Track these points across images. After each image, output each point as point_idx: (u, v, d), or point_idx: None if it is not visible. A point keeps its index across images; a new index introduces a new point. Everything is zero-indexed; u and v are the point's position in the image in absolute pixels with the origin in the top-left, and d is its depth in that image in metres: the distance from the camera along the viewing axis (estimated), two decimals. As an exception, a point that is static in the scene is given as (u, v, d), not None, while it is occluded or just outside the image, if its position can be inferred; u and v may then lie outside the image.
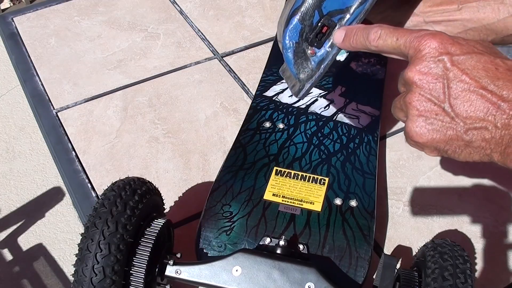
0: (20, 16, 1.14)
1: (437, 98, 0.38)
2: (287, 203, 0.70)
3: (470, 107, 0.37)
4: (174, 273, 0.60)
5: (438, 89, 0.38)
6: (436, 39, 0.39)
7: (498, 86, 0.36)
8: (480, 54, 0.38)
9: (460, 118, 0.37)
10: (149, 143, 0.90)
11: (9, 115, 0.96)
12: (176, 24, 1.13)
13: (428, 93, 0.38)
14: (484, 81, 0.37)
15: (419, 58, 0.39)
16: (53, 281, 0.74)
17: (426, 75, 0.38)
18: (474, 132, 0.37)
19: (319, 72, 0.53)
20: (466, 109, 0.37)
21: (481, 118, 0.37)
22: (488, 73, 0.37)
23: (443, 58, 0.38)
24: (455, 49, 0.38)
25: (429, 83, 0.38)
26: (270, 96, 0.87)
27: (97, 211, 0.58)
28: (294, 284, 0.58)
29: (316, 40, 0.52)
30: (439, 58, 0.38)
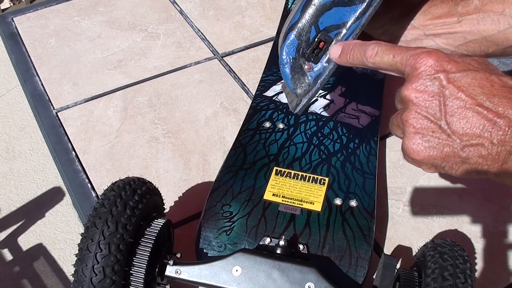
0: (20, 16, 1.14)
1: (434, 116, 0.38)
2: (287, 203, 0.70)
3: (467, 124, 0.37)
4: (174, 273, 0.60)
5: (435, 106, 0.38)
6: (432, 57, 0.39)
7: (494, 103, 0.37)
8: (475, 71, 0.38)
9: (456, 135, 0.38)
10: (149, 143, 0.90)
11: (9, 115, 0.96)
12: (176, 24, 1.13)
13: (424, 111, 0.39)
14: (480, 98, 0.37)
15: (416, 76, 0.40)
16: (53, 281, 0.74)
17: (423, 93, 0.39)
18: (471, 148, 0.37)
19: (315, 87, 0.53)
20: (463, 126, 0.37)
21: (477, 135, 0.37)
22: (484, 90, 0.37)
23: (439, 75, 0.38)
24: (451, 67, 0.38)
25: (425, 100, 0.39)
26: (270, 96, 0.87)
27: (97, 211, 0.58)
28: (294, 284, 0.58)
29: (313, 56, 0.52)
30: (435, 76, 0.38)
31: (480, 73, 0.38)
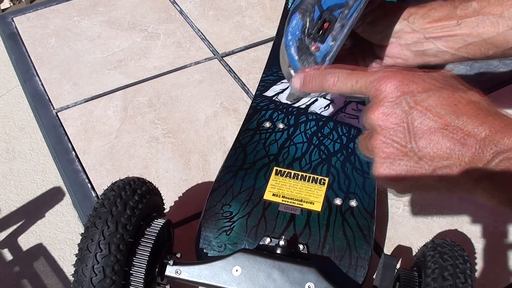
0: (20, 16, 1.14)
1: (402, 140, 0.38)
2: (287, 203, 0.70)
3: (436, 146, 0.36)
4: (174, 273, 0.60)
5: (402, 130, 0.37)
6: (396, 79, 0.38)
7: (462, 121, 0.36)
8: (440, 89, 0.38)
9: (426, 158, 0.37)
10: (149, 143, 0.90)
11: (9, 115, 0.96)
12: (176, 24, 1.13)
13: (393, 135, 0.38)
14: (448, 117, 0.36)
15: (381, 99, 0.39)
16: (53, 281, 0.74)
17: (389, 117, 0.38)
18: (442, 170, 0.37)
19: (324, 65, 0.52)
20: (432, 148, 0.37)
21: (448, 156, 0.36)
22: (451, 109, 0.36)
23: (405, 97, 0.38)
24: (416, 87, 0.38)
25: (392, 124, 0.38)
26: (270, 96, 0.87)
27: (97, 211, 0.58)
28: (294, 284, 0.58)
29: (319, 36, 0.52)
30: (400, 98, 0.38)
31: (445, 91, 0.37)
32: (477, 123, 0.36)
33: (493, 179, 0.34)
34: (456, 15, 0.51)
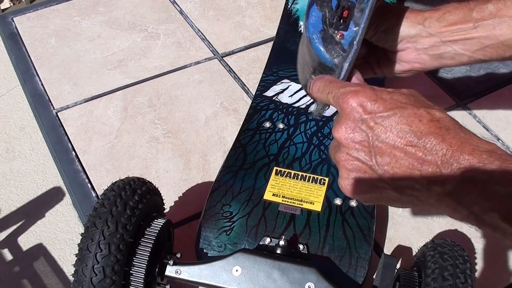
0: (20, 16, 1.14)
1: (364, 157, 0.39)
2: (287, 203, 0.70)
3: (396, 164, 0.37)
4: (174, 273, 0.60)
5: (365, 148, 0.38)
6: (358, 97, 0.39)
7: (423, 140, 0.37)
8: (403, 108, 0.38)
9: (387, 175, 0.38)
10: (149, 143, 0.90)
11: (9, 115, 0.96)
12: (176, 24, 1.13)
13: (355, 153, 0.39)
14: (409, 136, 0.37)
15: (344, 117, 0.40)
16: (53, 281, 0.74)
17: (352, 134, 0.39)
18: (404, 189, 0.38)
19: (353, 49, 0.52)
20: (393, 167, 0.37)
21: (409, 174, 0.37)
22: (412, 127, 0.37)
23: (366, 118, 0.38)
24: (378, 106, 0.38)
25: (355, 142, 0.39)
26: (270, 96, 0.87)
27: (97, 211, 0.58)
28: (294, 284, 0.58)
29: (341, 24, 0.52)
30: (362, 118, 0.39)
31: (408, 109, 0.38)
32: (437, 141, 0.36)
33: (454, 195, 0.35)
34: (472, 18, 0.52)
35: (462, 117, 0.95)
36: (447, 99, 0.98)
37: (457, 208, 0.35)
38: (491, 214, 0.33)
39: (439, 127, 0.37)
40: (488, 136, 0.92)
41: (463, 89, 1.01)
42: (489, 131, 0.93)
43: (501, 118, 0.95)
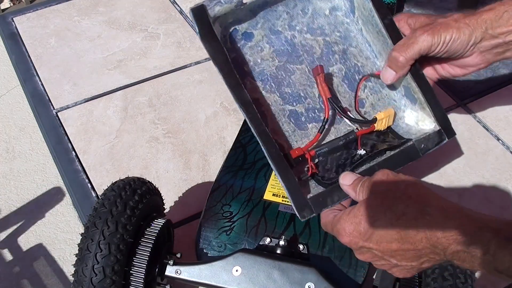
0: (20, 16, 1.14)
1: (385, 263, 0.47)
2: (287, 203, 0.70)
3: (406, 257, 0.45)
4: (174, 273, 0.60)
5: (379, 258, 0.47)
6: (344, 236, 0.48)
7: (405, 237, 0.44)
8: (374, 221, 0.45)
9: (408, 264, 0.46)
10: (149, 143, 0.90)
11: (9, 115, 0.96)
12: (176, 24, 1.13)
13: (378, 262, 0.48)
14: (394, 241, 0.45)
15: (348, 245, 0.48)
16: (53, 281, 0.74)
17: (365, 256, 0.48)
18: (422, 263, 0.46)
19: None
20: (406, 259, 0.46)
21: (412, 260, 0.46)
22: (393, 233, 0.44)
23: (359, 245, 0.47)
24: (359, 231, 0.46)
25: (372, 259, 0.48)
26: (270, 96, 0.87)
27: (97, 211, 0.57)
28: (294, 284, 0.58)
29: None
30: (358, 246, 0.47)
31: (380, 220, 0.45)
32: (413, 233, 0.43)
33: (456, 258, 0.42)
34: None
35: (462, 117, 0.95)
36: (447, 99, 0.98)
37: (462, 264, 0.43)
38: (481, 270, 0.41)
39: (407, 219, 0.43)
40: (488, 136, 0.92)
41: (463, 89, 1.01)
42: (489, 131, 0.93)
43: (501, 118, 0.95)
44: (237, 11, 0.56)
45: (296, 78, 0.59)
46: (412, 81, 0.58)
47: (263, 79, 0.58)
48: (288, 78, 0.59)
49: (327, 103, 0.56)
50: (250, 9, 0.58)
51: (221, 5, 0.54)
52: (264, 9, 0.59)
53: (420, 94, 0.58)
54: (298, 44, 0.60)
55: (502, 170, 0.87)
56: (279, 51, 0.59)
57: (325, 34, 0.61)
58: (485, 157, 0.89)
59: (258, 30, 0.59)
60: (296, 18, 0.60)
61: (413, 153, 0.57)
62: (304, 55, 0.60)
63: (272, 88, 0.58)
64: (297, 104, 0.58)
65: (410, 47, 0.54)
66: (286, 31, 0.60)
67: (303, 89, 0.59)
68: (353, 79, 0.60)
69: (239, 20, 0.58)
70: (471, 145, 0.90)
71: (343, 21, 0.61)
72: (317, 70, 0.56)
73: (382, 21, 0.58)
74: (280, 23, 0.60)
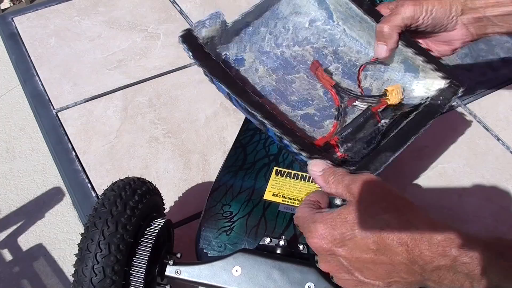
0: (20, 16, 1.14)
1: (350, 277, 0.45)
2: (287, 203, 0.70)
3: (376, 274, 0.43)
4: (174, 273, 0.60)
5: (345, 270, 0.44)
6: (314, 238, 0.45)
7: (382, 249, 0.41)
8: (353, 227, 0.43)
9: (373, 281, 0.43)
10: (149, 143, 0.90)
11: (9, 115, 0.96)
12: (176, 24, 1.13)
13: (342, 276, 0.45)
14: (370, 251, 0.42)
15: (316, 253, 0.47)
16: (53, 281, 0.74)
17: (330, 266, 0.46)
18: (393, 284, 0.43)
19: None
20: (375, 276, 0.43)
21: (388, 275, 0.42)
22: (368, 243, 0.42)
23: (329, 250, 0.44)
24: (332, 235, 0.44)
25: (336, 270, 0.45)
26: (270, 96, 0.87)
27: (97, 211, 0.57)
28: (294, 284, 0.58)
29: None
30: (327, 252, 0.44)
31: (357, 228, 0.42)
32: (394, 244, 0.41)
33: (430, 281, 0.41)
34: None
35: (462, 117, 0.95)
36: (447, 99, 0.98)
37: (437, 285, 0.41)
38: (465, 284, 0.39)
39: (389, 231, 0.41)
40: (488, 136, 0.92)
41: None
42: (489, 131, 0.93)
43: (501, 118, 0.96)
44: (223, 35, 0.57)
45: (298, 86, 0.59)
46: (407, 51, 0.59)
47: (266, 94, 0.59)
48: (290, 88, 0.59)
49: (334, 91, 0.56)
50: (234, 33, 0.59)
51: (206, 28, 0.55)
52: (247, 32, 0.60)
53: (420, 59, 0.58)
54: (289, 57, 0.61)
55: (502, 170, 0.87)
56: (274, 67, 0.60)
57: (312, 43, 0.62)
58: (485, 157, 0.89)
59: (248, 54, 0.60)
60: (280, 36, 0.61)
61: (434, 110, 0.57)
62: (298, 65, 0.61)
63: (277, 100, 0.59)
64: (307, 107, 0.58)
65: (393, 17, 0.56)
66: (275, 49, 0.61)
67: (308, 93, 0.59)
68: (352, 73, 0.61)
69: (227, 45, 0.59)
70: (471, 145, 0.90)
71: (324, 29, 0.63)
72: (315, 65, 0.57)
73: (360, 9, 0.59)
74: (266, 43, 0.61)
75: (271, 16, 0.62)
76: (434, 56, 0.59)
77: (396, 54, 0.59)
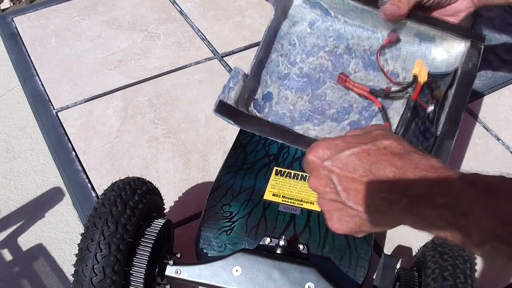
0: (20, 16, 1.14)
1: (334, 197, 0.44)
2: (287, 203, 0.70)
3: (360, 195, 0.42)
4: (174, 273, 0.60)
5: (332, 189, 0.44)
6: (313, 150, 0.45)
7: (372, 168, 0.42)
8: (353, 147, 0.43)
9: (357, 205, 0.43)
10: (149, 143, 0.90)
11: (9, 115, 0.96)
12: (176, 24, 1.13)
13: (327, 195, 0.45)
14: (361, 169, 0.42)
15: (309, 170, 0.46)
16: (53, 281, 0.74)
17: (319, 182, 0.45)
18: (374, 212, 0.43)
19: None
20: (357, 197, 0.43)
21: (372, 201, 0.42)
22: (362, 161, 0.42)
23: (324, 164, 0.44)
24: (331, 152, 0.44)
25: (323, 187, 0.45)
26: (270, 96, 0.87)
27: (97, 211, 0.58)
28: (294, 284, 0.58)
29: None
30: (321, 165, 0.44)
31: (356, 147, 0.43)
32: (384, 165, 0.41)
33: (409, 210, 0.40)
34: None
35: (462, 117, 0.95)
36: (447, 99, 0.98)
37: (415, 220, 0.41)
38: (440, 222, 0.38)
39: (384, 153, 0.42)
40: (488, 136, 0.92)
41: (463, 89, 1.01)
42: (489, 131, 0.93)
43: (501, 118, 0.95)
44: (246, 85, 0.58)
45: (331, 97, 0.60)
46: (419, 26, 0.59)
47: (308, 119, 0.59)
48: (324, 102, 0.60)
49: (370, 95, 0.56)
50: (254, 75, 0.59)
51: (233, 89, 0.56)
52: (263, 66, 0.60)
53: (433, 29, 0.59)
54: (309, 71, 0.61)
55: (502, 170, 0.87)
56: (300, 88, 0.60)
57: (322, 47, 0.62)
58: (485, 157, 0.89)
59: (272, 86, 0.61)
60: (290, 53, 0.62)
61: (468, 76, 0.57)
62: (321, 75, 0.61)
63: (319, 119, 0.59)
64: (350, 114, 0.59)
65: None
66: (292, 69, 0.61)
67: (344, 100, 0.59)
68: (372, 61, 0.62)
69: (252, 90, 0.60)
70: (471, 145, 0.90)
71: (326, 27, 0.63)
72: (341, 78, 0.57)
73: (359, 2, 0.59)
74: (282, 67, 0.61)
75: (275, 40, 0.62)
76: (447, 22, 0.60)
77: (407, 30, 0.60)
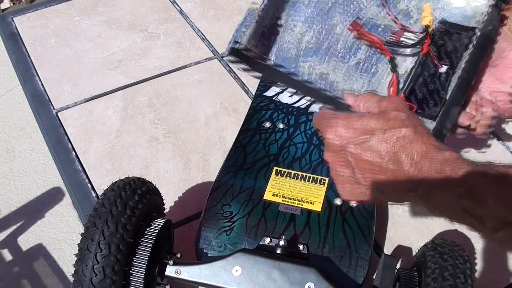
0: (20, 16, 1.14)
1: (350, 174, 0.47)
2: (287, 203, 0.70)
3: (376, 179, 0.45)
4: (174, 273, 0.60)
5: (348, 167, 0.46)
6: (333, 130, 0.46)
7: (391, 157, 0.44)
8: (371, 133, 0.44)
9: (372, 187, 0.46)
10: (149, 143, 0.90)
11: (9, 115, 0.96)
12: (176, 24, 1.13)
13: (341, 170, 0.47)
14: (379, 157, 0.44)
15: (326, 146, 0.48)
16: (53, 281, 0.74)
17: (336, 160, 0.47)
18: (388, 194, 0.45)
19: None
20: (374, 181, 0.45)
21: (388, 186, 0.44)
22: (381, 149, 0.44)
23: (342, 146, 0.46)
24: (350, 135, 0.45)
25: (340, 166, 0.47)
26: (270, 96, 0.87)
27: (97, 211, 0.58)
28: (294, 284, 0.58)
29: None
30: (340, 147, 0.46)
31: (375, 135, 0.44)
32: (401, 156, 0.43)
33: (423, 198, 0.43)
34: None
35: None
36: (447, 99, 0.98)
37: (430, 207, 0.44)
38: (456, 210, 0.41)
39: (403, 144, 0.43)
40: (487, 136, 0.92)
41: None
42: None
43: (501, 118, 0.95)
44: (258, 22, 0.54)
45: (340, 31, 0.57)
46: None
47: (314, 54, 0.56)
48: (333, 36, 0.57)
49: (384, 47, 0.55)
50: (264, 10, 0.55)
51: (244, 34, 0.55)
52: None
53: None
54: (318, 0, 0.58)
55: (502, 170, 0.87)
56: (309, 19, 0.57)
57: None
58: (485, 157, 0.89)
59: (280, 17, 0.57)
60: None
61: (487, 40, 0.55)
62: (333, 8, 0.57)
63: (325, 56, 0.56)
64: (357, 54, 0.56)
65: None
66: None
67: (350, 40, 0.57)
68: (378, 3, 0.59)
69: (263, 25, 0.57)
70: (471, 145, 0.90)
71: None
72: (355, 27, 0.55)
73: None
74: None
75: None
76: None
77: None
